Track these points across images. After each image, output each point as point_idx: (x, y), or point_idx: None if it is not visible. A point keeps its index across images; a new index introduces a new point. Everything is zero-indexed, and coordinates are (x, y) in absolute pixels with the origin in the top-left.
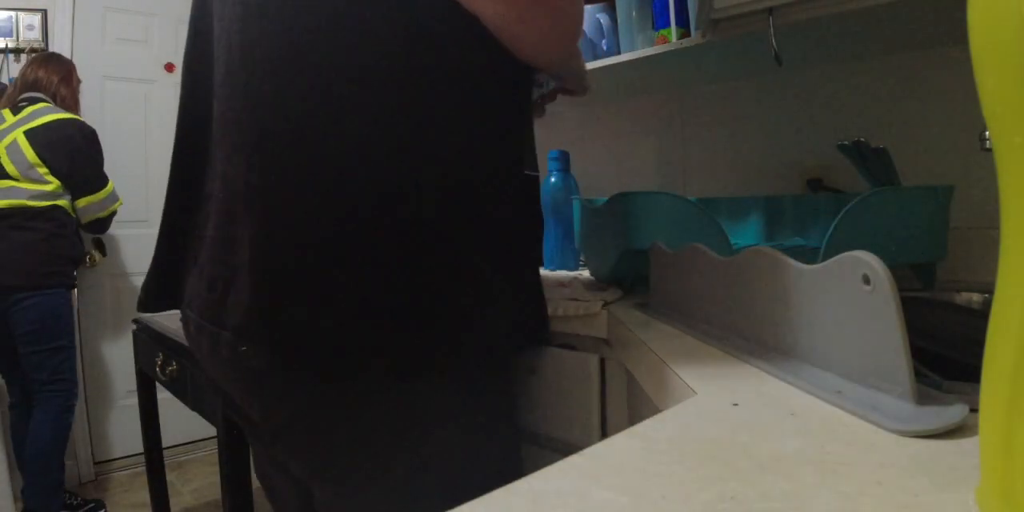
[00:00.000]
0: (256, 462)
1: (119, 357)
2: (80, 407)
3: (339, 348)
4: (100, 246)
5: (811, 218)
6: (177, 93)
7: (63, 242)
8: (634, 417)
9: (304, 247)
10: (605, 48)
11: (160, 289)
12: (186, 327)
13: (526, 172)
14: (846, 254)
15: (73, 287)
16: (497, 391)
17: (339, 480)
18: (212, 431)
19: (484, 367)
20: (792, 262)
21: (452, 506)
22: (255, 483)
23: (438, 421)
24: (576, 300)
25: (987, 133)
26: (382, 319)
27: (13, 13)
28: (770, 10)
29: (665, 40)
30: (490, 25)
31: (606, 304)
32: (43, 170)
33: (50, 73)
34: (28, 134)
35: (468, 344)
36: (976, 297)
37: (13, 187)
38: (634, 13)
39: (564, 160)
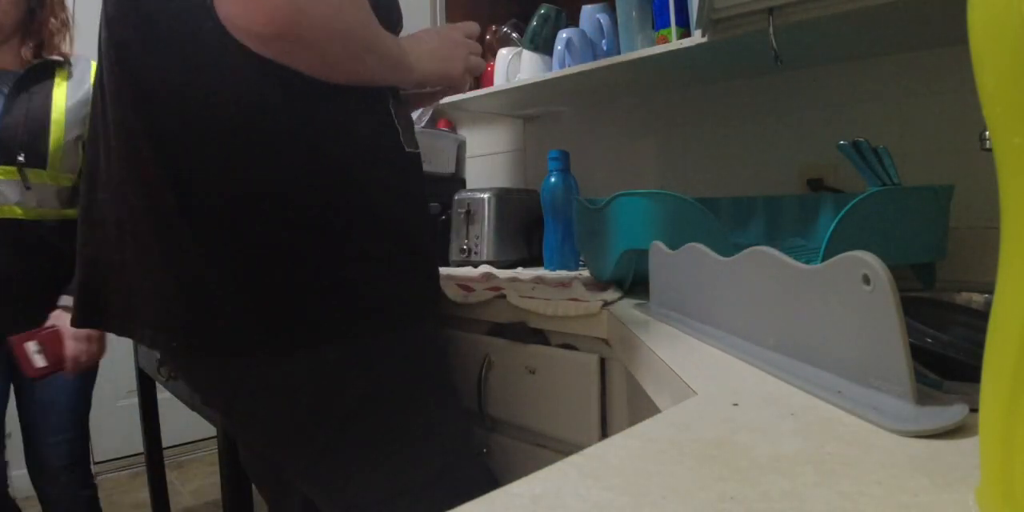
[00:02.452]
0: (236, 449)
1: (119, 357)
2: None
3: (244, 332)
4: None
5: (811, 218)
6: None
7: None
8: (634, 417)
9: (200, 256)
10: (605, 48)
11: (86, 310)
12: (137, 338)
13: (406, 149)
14: (846, 254)
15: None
16: (410, 351)
17: (287, 445)
18: (212, 431)
19: (388, 330)
20: (792, 262)
21: (396, 455)
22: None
23: (349, 385)
24: (576, 300)
25: (987, 133)
26: (275, 303)
27: None
28: (770, 10)
29: (665, 40)
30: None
31: (606, 304)
32: None
33: None
34: None
35: (362, 316)
36: (976, 297)
37: None
38: (634, 13)
39: (564, 160)
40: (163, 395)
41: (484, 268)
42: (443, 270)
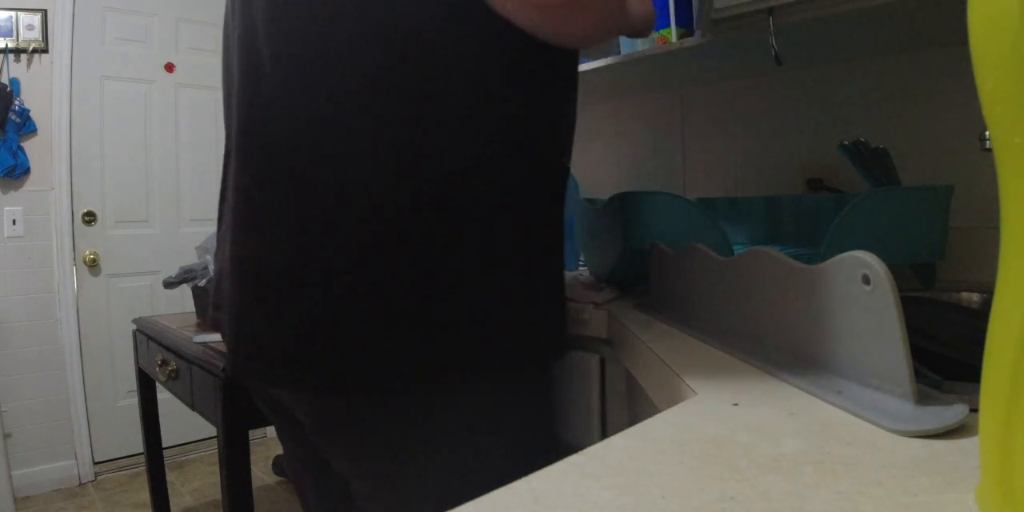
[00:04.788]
0: (290, 459)
1: (119, 357)
2: (80, 407)
3: (375, 362)
4: None
5: (811, 218)
6: (177, 93)
7: None
8: (634, 417)
9: (334, 270)
10: (605, 48)
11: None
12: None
13: (562, 162)
14: (846, 254)
15: None
16: (528, 399)
17: (386, 477)
18: (212, 431)
19: (514, 374)
20: (792, 262)
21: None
22: (255, 483)
23: (469, 425)
24: (569, 301)
25: (987, 133)
26: (411, 331)
27: (13, 13)
28: (770, 10)
29: (665, 40)
30: (527, 29)
31: (596, 306)
32: None
33: None
34: None
35: (496, 350)
36: (976, 297)
37: None
38: None
39: None
40: (163, 395)
41: None
42: None
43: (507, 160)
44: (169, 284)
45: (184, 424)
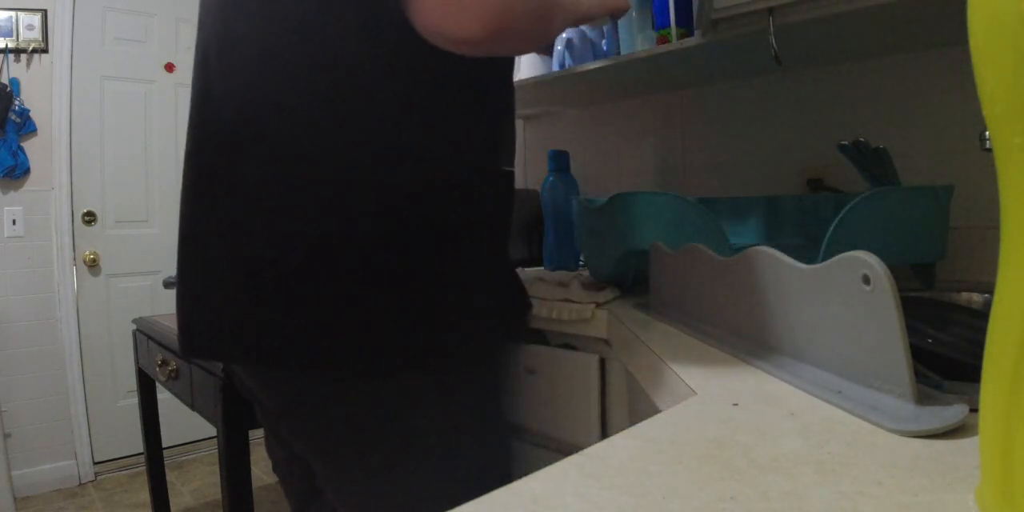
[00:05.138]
0: (266, 440)
1: (119, 357)
2: (80, 407)
3: (325, 348)
4: None
5: (811, 218)
6: (177, 93)
7: None
8: (634, 417)
9: (291, 260)
10: (605, 48)
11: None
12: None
13: (504, 168)
14: (846, 254)
15: None
16: (479, 383)
17: (334, 459)
18: (212, 431)
19: (466, 360)
20: (792, 262)
21: (436, 486)
22: (255, 483)
23: (420, 409)
24: (569, 301)
25: (987, 133)
26: (363, 321)
27: (13, 13)
28: (770, 10)
29: (665, 40)
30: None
31: (597, 306)
32: None
33: None
34: None
35: (447, 339)
36: (976, 297)
37: None
38: (634, 13)
39: (564, 160)
40: (163, 395)
41: None
42: None
43: (452, 165)
44: (169, 284)
45: (184, 424)
